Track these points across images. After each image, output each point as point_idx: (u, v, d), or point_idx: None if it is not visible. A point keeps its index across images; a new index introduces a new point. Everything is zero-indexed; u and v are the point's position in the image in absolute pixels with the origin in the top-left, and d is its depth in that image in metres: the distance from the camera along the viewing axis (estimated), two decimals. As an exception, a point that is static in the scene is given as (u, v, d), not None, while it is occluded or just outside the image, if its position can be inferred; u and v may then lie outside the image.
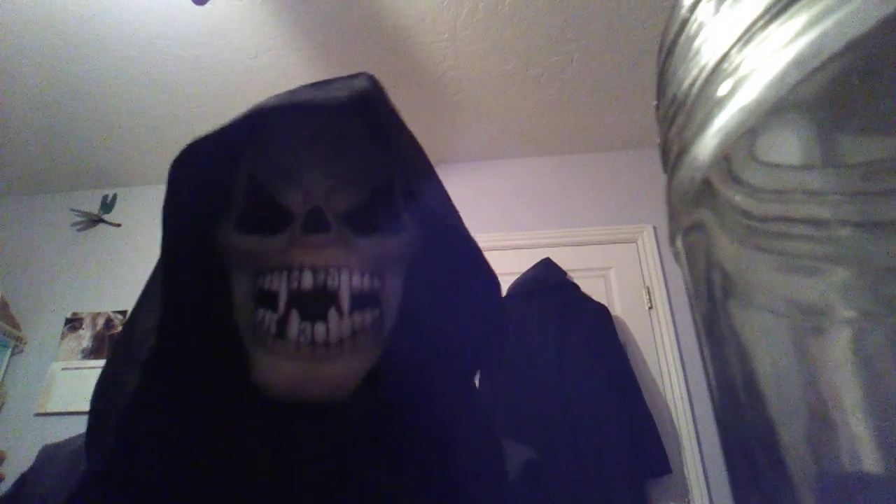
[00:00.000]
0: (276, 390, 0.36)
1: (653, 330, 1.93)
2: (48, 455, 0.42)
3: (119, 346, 0.38)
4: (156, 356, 0.35)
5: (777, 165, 0.16)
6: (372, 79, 0.40)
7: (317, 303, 0.37)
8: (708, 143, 0.17)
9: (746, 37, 0.16)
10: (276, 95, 0.39)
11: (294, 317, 0.36)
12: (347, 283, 0.38)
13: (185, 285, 0.39)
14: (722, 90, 0.16)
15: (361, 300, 0.39)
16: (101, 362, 2.18)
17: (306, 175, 0.40)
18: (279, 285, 0.37)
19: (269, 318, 0.37)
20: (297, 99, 0.36)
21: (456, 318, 0.43)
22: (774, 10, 0.15)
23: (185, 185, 0.36)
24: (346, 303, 0.37)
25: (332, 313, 0.37)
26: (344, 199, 0.40)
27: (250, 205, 0.40)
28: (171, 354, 0.36)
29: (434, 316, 0.43)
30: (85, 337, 2.17)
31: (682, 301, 1.93)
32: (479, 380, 0.47)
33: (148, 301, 0.38)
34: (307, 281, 0.37)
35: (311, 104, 0.35)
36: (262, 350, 0.37)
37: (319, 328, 0.36)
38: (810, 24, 0.13)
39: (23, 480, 0.41)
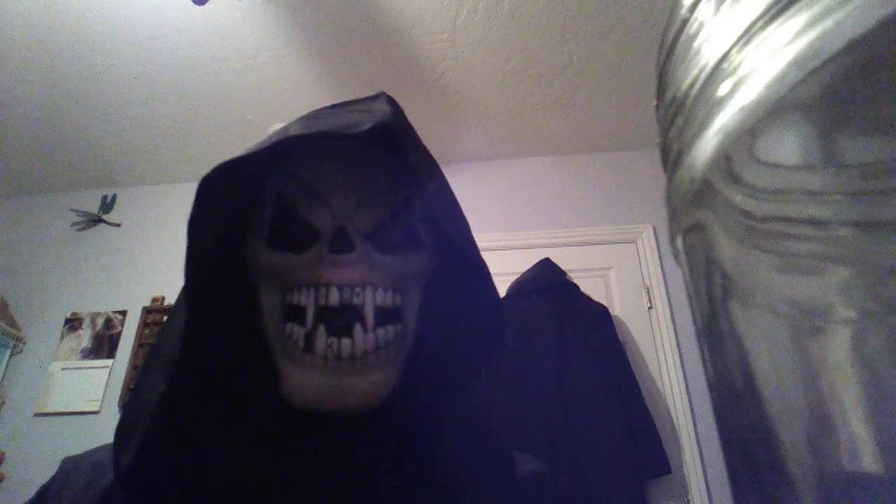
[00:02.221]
0: (303, 401, 0.38)
1: (653, 330, 1.93)
2: (69, 467, 0.43)
3: (150, 355, 0.39)
4: (182, 365, 0.36)
5: (777, 165, 0.16)
6: (391, 101, 0.43)
7: (343, 318, 0.39)
8: (708, 143, 0.17)
9: (746, 37, 0.16)
10: (302, 121, 0.41)
11: (321, 331, 0.38)
12: (371, 299, 0.40)
13: (214, 297, 0.40)
14: (722, 90, 0.16)
15: (385, 316, 0.41)
16: (101, 362, 2.18)
17: (332, 195, 0.42)
18: (307, 301, 0.39)
19: (298, 331, 0.39)
20: (323, 128, 0.38)
21: (464, 329, 0.45)
22: (774, 10, 0.15)
23: (213, 203, 0.38)
24: (370, 318, 0.39)
25: (358, 328, 0.39)
26: (367, 218, 0.42)
27: (279, 222, 0.42)
28: (198, 363, 0.38)
29: (445, 328, 0.45)
30: (84, 337, 2.17)
31: (682, 301, 1.93)
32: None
33: (178, 311, 0.39)
34: (334, 297, 0.39)
35: (337, 134, 0.37)
36: (290, 362, 0.39)
37: (345, 342, 0.38)
38: (810, 24, 0.13)
39: (43, 493, 0.41)
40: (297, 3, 1.65)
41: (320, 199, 0.42)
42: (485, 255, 0.43)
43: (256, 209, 0.44)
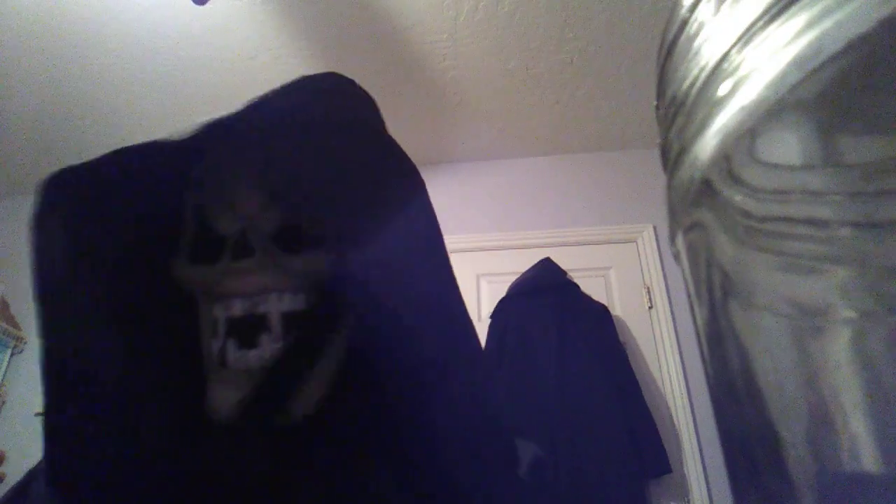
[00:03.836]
0: (223, 416, 0.37)
1: (653, 330, 1.93)
2: None
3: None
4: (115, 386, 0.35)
5: (777, 165, 0.16)
6: (318, 89, 0.39)
7: (250, 329, 0.37)
8: (708, 143, 0.17)
9: (746, 37, 0.16)
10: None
11: (230, 345, 0.37)
12: (277, 306, 0.38)
13: (151, 314, 0.39)
14: (722, 90, 0.16)
15: (297, 321, 0.38)
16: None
17: (237, 193, 0.39)
18: (219, 314, 0.38)
19: (215, 346, 0.38)
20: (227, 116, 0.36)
21: (417, 325, 0.41)
22: (774, 10, 0.15)
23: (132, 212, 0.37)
24: (277, 326, 0.37)
25: (265, 338, 0.37)
26: (274, 216, 0.39)
27: (194, 234, 0.40)
28: (129, 381, 0.36)
29: (391, 326, 0.41)
30: (85, 337, 2.17)
31: (682, 301, 1.93)
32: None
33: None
34: (237, 308, 0.37)
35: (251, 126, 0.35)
36: (211, 378, 0.38)
37: (252, 354, 0.37)
38: (810, 24, 0.13)
39: (33, 473, 0.41)
40: (297, 3, 1.65)
41: (225, 202, 0.39)
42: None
43: (180, 226, 0.42)
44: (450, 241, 0.43)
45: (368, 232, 0.41)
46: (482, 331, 1.83)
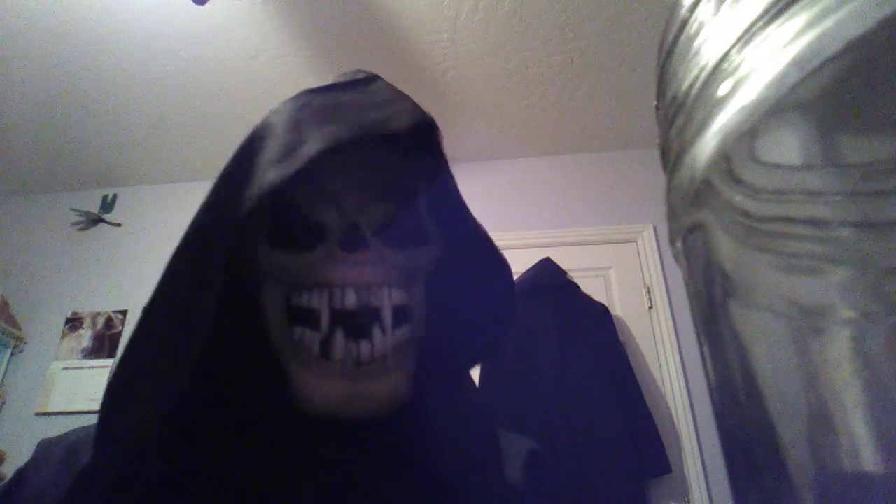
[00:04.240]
0: (321, 409, 0.36)
1: (653, 330, 1.93)
2: (45, 449, 0.42)
3: (140, 352, 0.37)
4: (195, 366, 0.34)
5: (777, 165, 0.16)
6: (393, 87, 0.40)
7: (361, 321, 0.37)
8: (708, 143, 0.17)
9: (746, 37, 0.16)
10: (315, 117, 0.38)
11: (338, 337, 0.36)
12: (389, 299, 0.38)
13: (210, 299, 0.38)
14: (722, 90, 0.16)
15: (401, 315, 0.39)
16: (102, 362, 2.17)
17: (339, 189, 0.39)
18: (320, 304, 0.37)
19: (311, 336, 0.37)
20: (355, 132, 0.36)
21: (470, 320, 0.43)
22: (774, 11, 0.15)
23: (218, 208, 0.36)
24: (388, 320, 0.37)
25: (377, 331, 0.37)
26: (376, 213, 0.40)
27: (281, 219, 0.39)
28: (206, 368, 0.36)
29: (447, 323, 0.43)
30: (85, 337, 2.17)
31: (682, 301, 1.93)
32: (479, 380, 0.48)
33: (168, 312, 0.37)
34: (351, 299, 0.37)
35: (371, 137, 0.35)
36: (303, 369, 0.37)
37: (365, 347, 0.36)
38: (810, 24, 0.13)
39: (21, 474, 0.41)
40: (297, 3, 1.65)
41: (326, 194, 0.39)
42: (498, 249, 0.43)
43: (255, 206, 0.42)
44: (449, 241, 0.44)
45: (445, 228, 0.43)
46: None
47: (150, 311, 0.37)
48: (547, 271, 1.94)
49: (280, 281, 0.38)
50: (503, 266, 0.42)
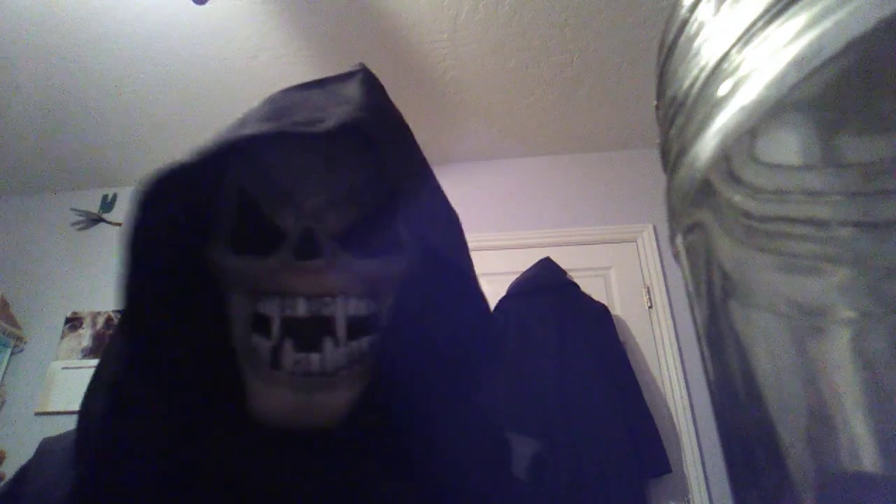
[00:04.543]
0: (269, 419, 0.35)
1: (653, 330, 1.93)
2: (46, 448, 0.42)
3: (95, 375, 0.37)
4: (126, 386, 0.34)
5: (777, 165, 0.16)
6: (367, 82, 0.39)
7: (311, 331, 0.35)
8: (708, 143, 0.17)
9: (746, 37, 0.16)
10: (263, 111, 0.37)
11: (287, 346, 0.35)
12: (343, 310, 0.36)
13: (175, 304, 0.37)
14: (722, 90, 0.16)
15: (359, 326, 0.37)
16: (101, 362, 2.18)
17: (298, 192, 0.38)
18: (273, 311, 0.36)
19: (264, 345, 0.36)
20: (284, 127, 0.35)
21: (445, 330, 0.41)
22: (774, 10, 0.15)
23: (158, 210, 0.35)
24: (342, 331, 0.36)
25: (328, 343, 0.36)
26: (339, 217, 0.38)
27: (242, 222, 0.38)
28: (159, 374, 0.35)
29: (423, 331, 0.42)
30: (85, 336, 2.16)
31: (682, 301, 1.93)
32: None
33: (122, 330, 0.36)
34: (301, 308, 0.35)
35: (295, 132, 0.34)
36: (256, 378, 0.36)
37: (314, 358, 0.35)
38: (810, 24, 0.13)
39: (22, 473, 0.41)
40: (297, 2, 1.65)
41: (285, 196, 0.38)
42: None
43: (216, 207, 0.40)
44: (450, 240, 0.43)
45: (418, 236, 0.41)
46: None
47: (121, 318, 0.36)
48: (547, 271, 1.94)
49: (243, 286, 0.37)
50: (467, 281, 0.40)
